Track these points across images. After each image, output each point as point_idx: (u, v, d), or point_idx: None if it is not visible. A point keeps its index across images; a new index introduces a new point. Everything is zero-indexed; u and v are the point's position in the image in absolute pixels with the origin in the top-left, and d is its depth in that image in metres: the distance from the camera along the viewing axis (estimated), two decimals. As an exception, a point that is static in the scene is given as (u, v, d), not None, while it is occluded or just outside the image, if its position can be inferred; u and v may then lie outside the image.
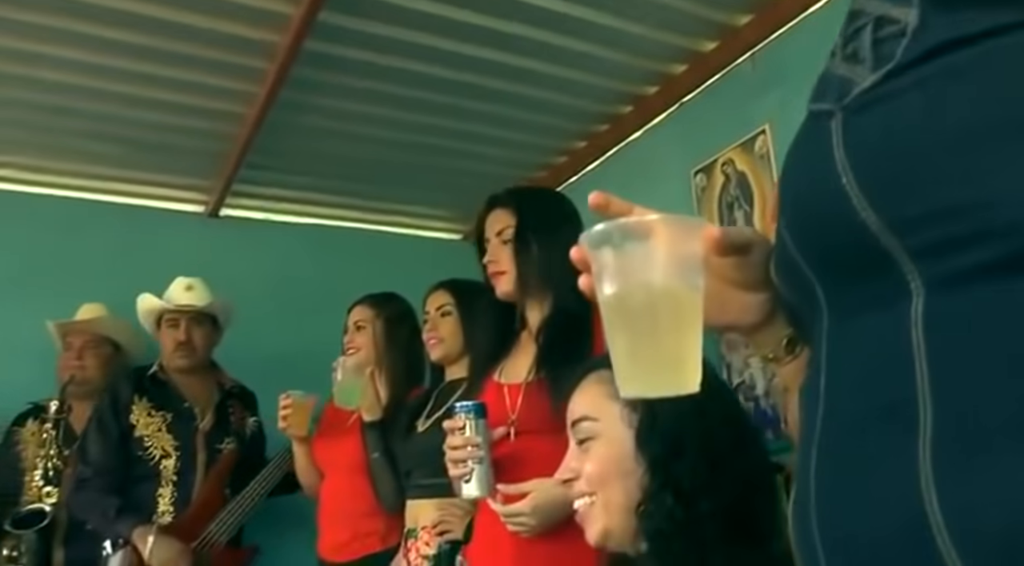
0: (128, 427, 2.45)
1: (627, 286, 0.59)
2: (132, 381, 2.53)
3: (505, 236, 1.62)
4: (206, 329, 2.63)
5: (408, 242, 3.67)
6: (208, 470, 2.48)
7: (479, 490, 1.43)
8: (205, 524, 2.39)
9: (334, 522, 2.22)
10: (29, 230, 3.02)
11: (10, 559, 2.38)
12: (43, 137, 2.83)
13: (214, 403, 2.59)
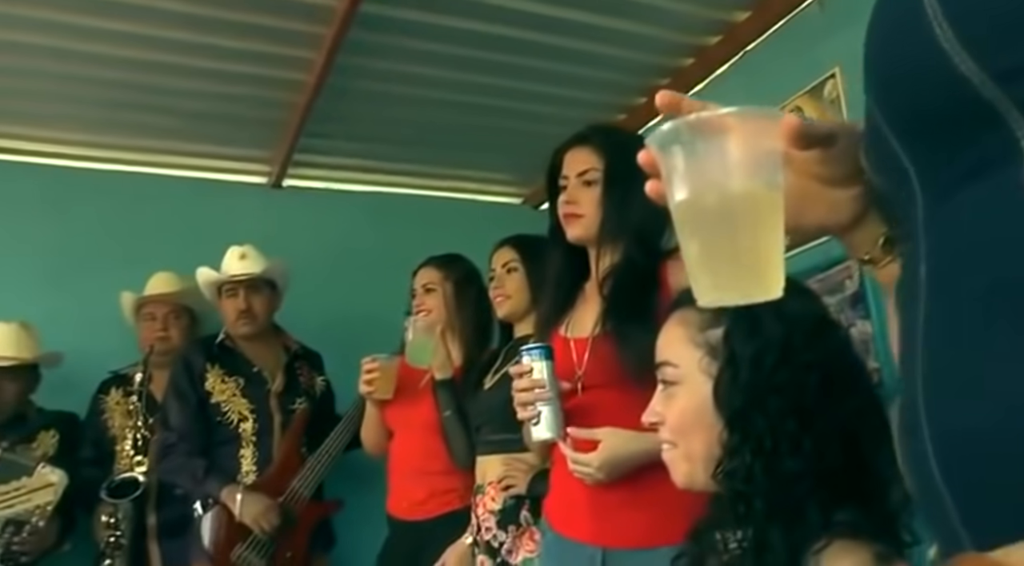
0: (204, 394, 2.53)
1: (700, 187, 0.55)
2: (203, 350, 2.61)
3: (589, 177, 1.54)
4: (264, 295, 2.67)
5: (468, 207, 3.66)
6: (284, 430, 2.55)
7: (548, 432, 1.40)
8: (288, 481, 2.47)
9: (407, 481, 2.25)
10: (99, 206, 3.11)
11: (108, 525, 2.49)
12: (106, 113, 2.89)
13: (282, 365, 2.66)
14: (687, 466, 0.94)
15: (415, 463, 2.24)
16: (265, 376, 2.61)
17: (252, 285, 2.63)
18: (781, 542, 0.81)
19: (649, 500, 1.38)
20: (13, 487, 2.23)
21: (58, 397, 2.75)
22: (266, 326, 2.69)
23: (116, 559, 2.50)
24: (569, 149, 1.62)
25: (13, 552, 2.35)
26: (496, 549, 1.86)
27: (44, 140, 3.05)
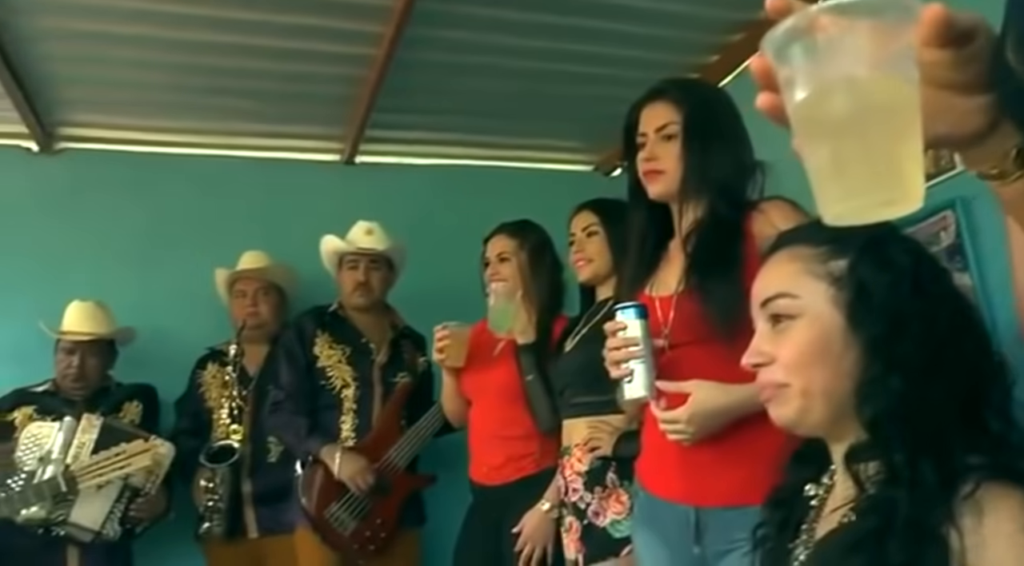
0: (312, 358, 2.63)
1: (826, 86, 0.50)
2: (315, 317, 2.72)
3: (668, 132, 1.51)
4: (383, 271, 2.76)
5: (539, 176, 3.63)
6: (384, 401, 2.63)
7: (642, 391, 1.38)
8: (385, 449, 2.55)
9: (486, 446, 2.27)
10: (183, 189, 3.23)
11: (207, 490, 2.61)
12: (186, 98, 2.98)
13: (388, 340, 2.73)
14: (801, 402, 0.90)
15: (492, 429, 2.26)
16: (371, 347, 2.69)
17: (373, 260, 2.72)
18: (932, 475, 0.79)
19: (741, 457, 1.35)
20: (114, 452, 2.37)
21: (147, 372, 2.89)
22: (379, 301, 2.77)
23: (215, 522, 2.62)
24: (645, 105, 1.58)
25: (130, 518, 2.50)
26: (583, 510, 1.87)
27: (131, 128, 3.17)
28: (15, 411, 2.62)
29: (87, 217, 3.12)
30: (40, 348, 2.77)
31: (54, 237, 3.07)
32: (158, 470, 2.47)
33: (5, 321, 2.92)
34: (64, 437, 2.43)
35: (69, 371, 2.65)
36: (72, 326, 2.69)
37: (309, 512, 2.46)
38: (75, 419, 2.48)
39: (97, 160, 3.19)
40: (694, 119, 1.50)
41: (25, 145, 3.12)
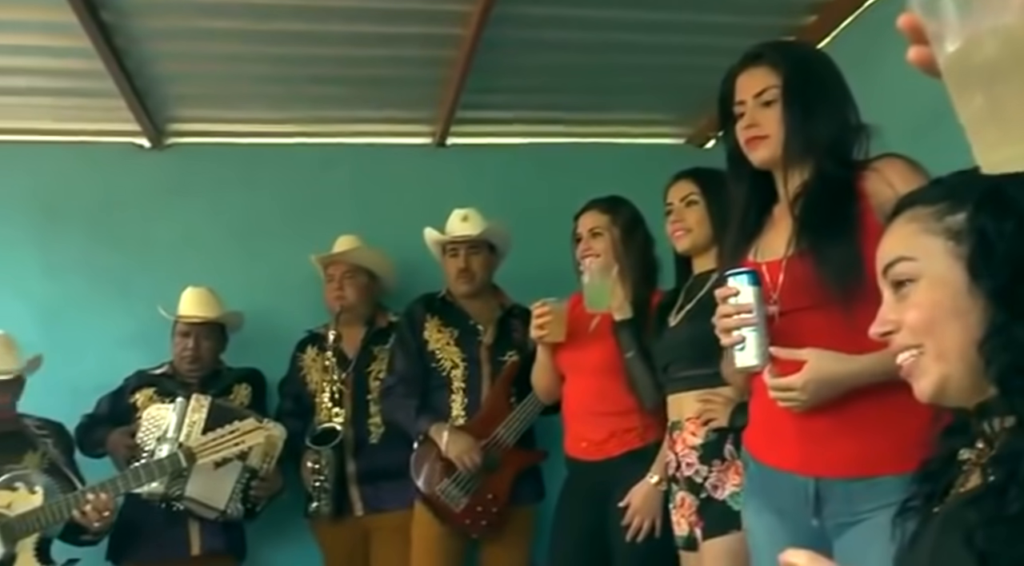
0: (422, 342, 2.72)
1: (976, 36, 0.49)
2: (424, 303, 2.82)
3: (767, 97, 1.46)
4: (483, 256, 2.80)
5: (631, 151, 3.58)
6: (493, 379, 2.69)
7: (754, 359, 1.34)
8: (494, 427, 2.61)
9: (585, 423, 2.27)
10: (281, 178, 3.35)
11: (314, 471, 2.72)
12: (279, 88, 3.07)
13: (495, 320, 2.78)
14: (940, 367, 0.86)
15: (591, 405, 2.25)
16: (478, 328, 2.76)
17: (472, 246, 2.76)
18: None
19: (861, 426, 1.30)
20: (228, 430, 2.48)
21: (252, 355, 3.03)
22: (483, 285, 2.82)
23: (323, 502, 2.73)
24: (741, 72, 1.53)
25: (250, 497, 2.64)
26: (699, 484, 1.83)
27: (233, 121, 3.30)
28: (137, 393, 2.80)
29: (196, 208, 3.28)
30: (159, 332, 2.94)
31: (167, 228, 3.25)
32: (272, 452, 2.60)
33: (128, 307, 3.12)
34: (177, 417, 2.58)
35: (185, 353, 2.80)
36: (187, 310, 2.84)
37: (422, 489, 2.55)
38: (186, 400, 2.62)
39: (203, 154, 3.35)
40: (793, 81, 1.45)
41: (138, 142, 3.30)
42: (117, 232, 3.23)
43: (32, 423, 2.60)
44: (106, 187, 3.26)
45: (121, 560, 2.69)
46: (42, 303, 3.10)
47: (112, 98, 2.95)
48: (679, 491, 1.90)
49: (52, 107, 3.10)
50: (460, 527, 2.56)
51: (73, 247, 3.20)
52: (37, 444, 2.55)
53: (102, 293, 3.17)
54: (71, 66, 2.79)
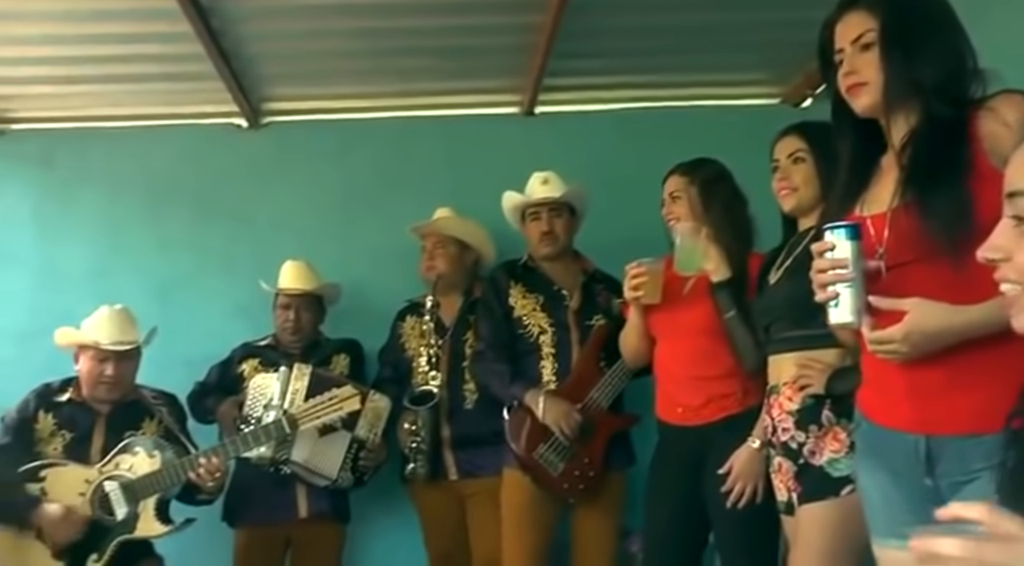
0: (508, 309, 2.74)
1: None
2: (506, 270, 2.83)
3: (865, 40, 1.37)
4: (565, 218, 2.78)
5: (722, 113, 3.47)
6: (582, 344, 2.68)
7: (848, 316, 1.28)
8: (586, 391, 2.60)
9: (681, 387, 2.23)
10: (373, 152, 3.41)
11: (411, 432, 2.78)
12: (368, 62, 3.10)
13: (580, 284, 2.76)
14: None
15: (687, 369, 2.21)
16: (563, 294, 2.75)
17: (553, 209, 2.75)
18: None
19: (975, 380, 1.23)
20: (327, 397, 2.57)
21: (349, 326, 3.12)
22: (566, 248, 2.80)
23: (419, 463, 2.79)
24: (839, 19, 1.45)
25: (359, 467, 2.74)
26: (796, 450, 1.79)
27: (325, 97, 3.37)
28: (243, 363, 2.93)
29: (292, 184, 3.39)
30: (262, 305, 3.06)
31: (265, 204, 3.38)
32: (378, 422, 2.67)
33: (231, 281, 3.26)
34: (280, 385, 2.69)
35: (286, 325, 2.91)
36: (286, 283, 2.94)
37: (519, 454, 2.56)
38: (288, 369, 2.72)
39: (297, 131, 3.44)
40: (892, 22, 1.36)
41: (236, 122, 3.42)
42: (220, 210, 3.37)
43: (149, 393, 2.75)
44: (208, 167, 3.40)
45: (234, 521, 2.83)
46: (155, 279, 3.27)
47: (211, 80, 3.06)
48: (776, 456, 1.86)
49: (157, 93, 3.24)
50: (558, 492, 2.57)
51: (181, 226, 3.36)
52: (154, 412, 2.69)
53: (208, 269, 3.32)
54: (172, 51, 2.89)
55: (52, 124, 3.41)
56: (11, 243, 3.33)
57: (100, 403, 2.64)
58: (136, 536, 2.49)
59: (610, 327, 2.69)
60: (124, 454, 2.54)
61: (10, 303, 3.24)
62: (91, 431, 2.61)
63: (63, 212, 3.37)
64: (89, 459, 2.56)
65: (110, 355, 2.61)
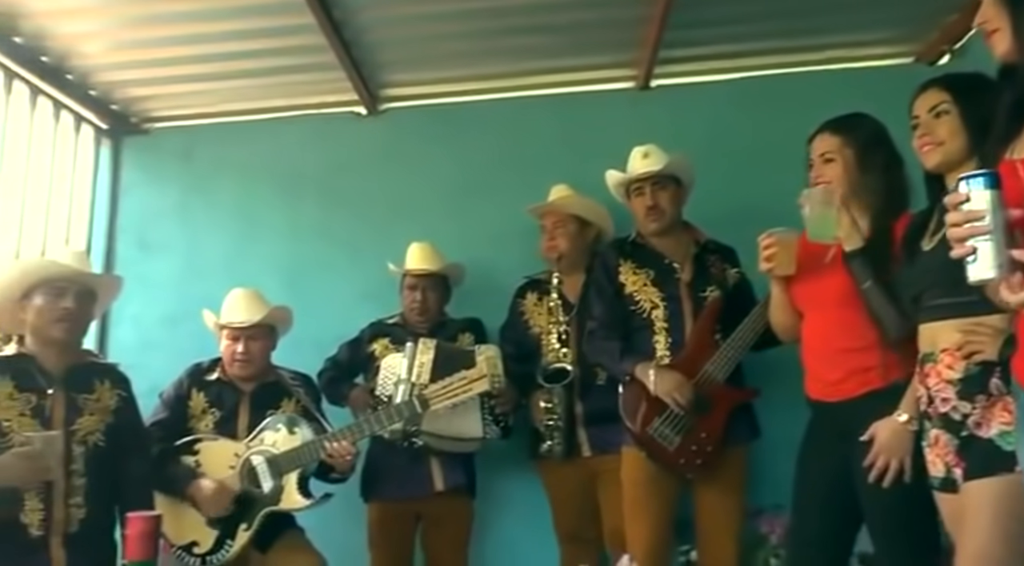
0: (619, 286, 2.71)
1: None
2: (616, 247, 2.80)
3: None
4: (670, 191, 2.73)
5: (850, 76, 3.31)
6: (695, 317, 2.62)
7: (988, 271, 1.16)
8: (701, 364, 2.54)
9: (823, 361, 2.13)
10: (486, 133, 3.45)
11: (546, 410, 2.81)
12: (480, 44, 3.13)
13: (691, 256, 2.71)
14: None
15: (829, 342, 2.10)
16: (675, 266, 2.69)
17: (657, 182, 2.71)
18: None
19: None
20: (458, 377, 2.62)
21: (469, 305, 3.17)
22: (674, 221, 2.75)
23: (555, 441, 2.81)
24: None
25: (497, 416, 2.80)
26: (958, 421, 1.65)
27: (440, 81, 3.43)
28: (374, 342, 3.03)
29: (410, 168, 3.47)
30: (386, 288, 3.15)
31: (386, 189, 3.48)
32: (496, 370, 2.69)
33: (357, 265, 3.39)
34: (408, 360, 2.77)
35: (414, 305, 2.99)
36: (413, 264, 3.01)
37: (633, 430, 2.52)
38: (414, 344, 2.81)
39: (414, 116, 3.52)
40: None
41: (356, 110, 3.53)
42: (344, 196, 3.50)
43: (287, 374, 2.89)
44: (332, 155, 3.53)
45: (371, 497, 2.94)
46: (287, 265, 3.43)
47: (332, 70, 3.17)
48: (932, 428, 1.72)
49: (283, 85, 3.38)
50: (675, 467, 2.52)
51: (309, 213, 3.51)
52: (292, 392, 2.83)
53: (335, 253, 3.46)
54: (297, 43, 3.01)
55: (190, 121, 3.63)
56: (159, 234, 3.57)
57: (242, 381, 2.80)
58: (281, 508, 2.62)
59: (724, 298, 2.63)
60: (268, 431, 2.68)
61: (159, 290, 3.47)
62: (237, 409, 2.76)
63: (203, 204, 3.58)
64: (236, 435, 2.71)
65: (240, 333, 2.77)
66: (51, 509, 2.20)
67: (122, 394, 2.44)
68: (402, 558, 2.92)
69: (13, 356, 2.30)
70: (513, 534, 3.18)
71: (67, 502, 2.23)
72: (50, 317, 2.30)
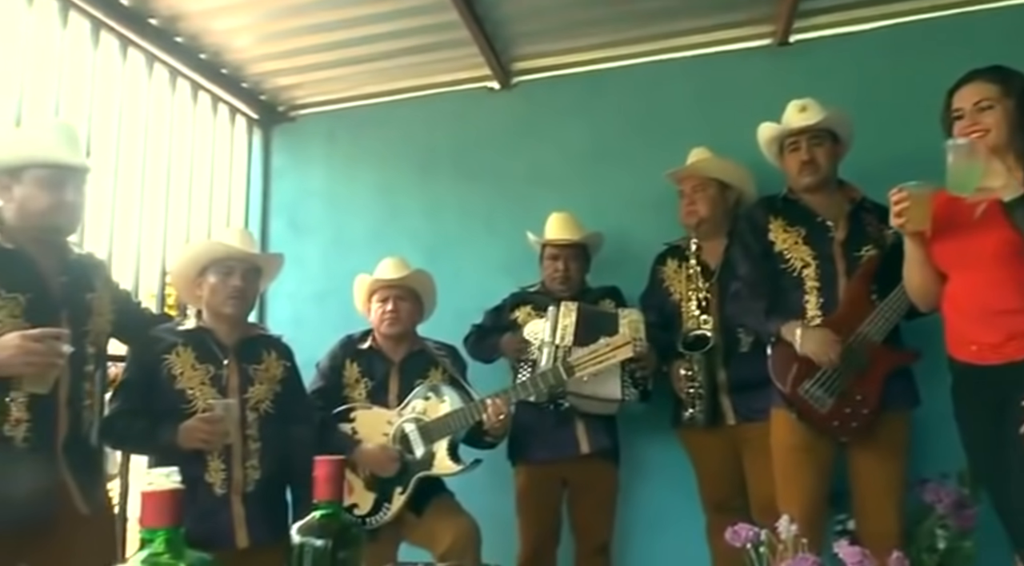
0: (767, 244, 2.63)
1: None
2: (765, 205, 2.71)
3: None
4: (826, 146, 2.63)
5: (1012, 16, 3.05)
6: (849, 276, 2.52)
7: None
8: (855, 324, 2.43)
9: (975, 322, 2.01)
10: (620, 100, 3.42)
11: (687, 377, 2.79)
12: (604, 10, 3.10)
13: (846, 214, 2.60)
14: None
15: (984, 303, 1.99)
16: (828, 225, 2.60)
17: (814, 137, 2.62)
18: None
19: None
20: (603, 344, 2.64)
21: (608, 273, 3.17)
22: (829, 178, 2.65)
23: (697, 409, 2.79)
24: None
25: (637, 379, 2.80)
26: None
27: (570, 51, 3.43)
28: (516, 310, 3.09)
29: (543, 140, 3.50)
30: (521, 259, 3.21)
31: (520, 162, 3.53)
32: (639, 335, 2.68)
33: (492, 238, 3.47)
34: (551, 324, 2.82)
35: (556, 275, 3.02)
36: (554, 234, 3.05)
37: (783, 391, 2.45)
38: (556, 307, 2.85)
39: (546, 88, 3.54)
40: None
41: (488, 85, 3.58)
42: (478, 172, 3.57)
43: (432, 345, 2.99)
44: (466, 131, 3.61)
45: (518, 460, 3.01)
46: (426, 240, 3.55)
47: (465, 46, 3.23)
48: None
49: (417, 65, 3.48)
50: (828, 430, 2.43)
51: (444, 189, 3.61)
52: (438, 362, 2.93)
53: (472, 227, 3.54)
54: (430, 22, 3.09)
55: (331, 106, 3.80)
56: (307, 216, 3.78)
57: (391, 350, 2.91)
58: (433, 473, 2.73)
59: (882, 258, 2.50)
60: (417, 399, 2.79)
61: (308, 268, 3.67)
62: (387, 378, 2.89)
63: (346, 184, 3.76)
64: (387, 404, 2.83)
65: (389, 292, 2.89)
66: (231, 470, 2.38)
67: (287, 365, 2.60)
68: (550, 522, 2.97)
69: (193, 329, 2.49)
70: (658, 502, 3.18)
71: (244, 464, 2.40)
72: (222, 295, 2.47)
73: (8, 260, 2.01)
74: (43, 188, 2.05)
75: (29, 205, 2.05)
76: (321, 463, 1.19)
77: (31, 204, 2.05)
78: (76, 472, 2.08)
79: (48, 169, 2.06)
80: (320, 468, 1.19)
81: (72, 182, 2.11)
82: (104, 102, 2.94)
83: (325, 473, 1.19)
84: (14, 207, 2.06)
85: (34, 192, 2.05)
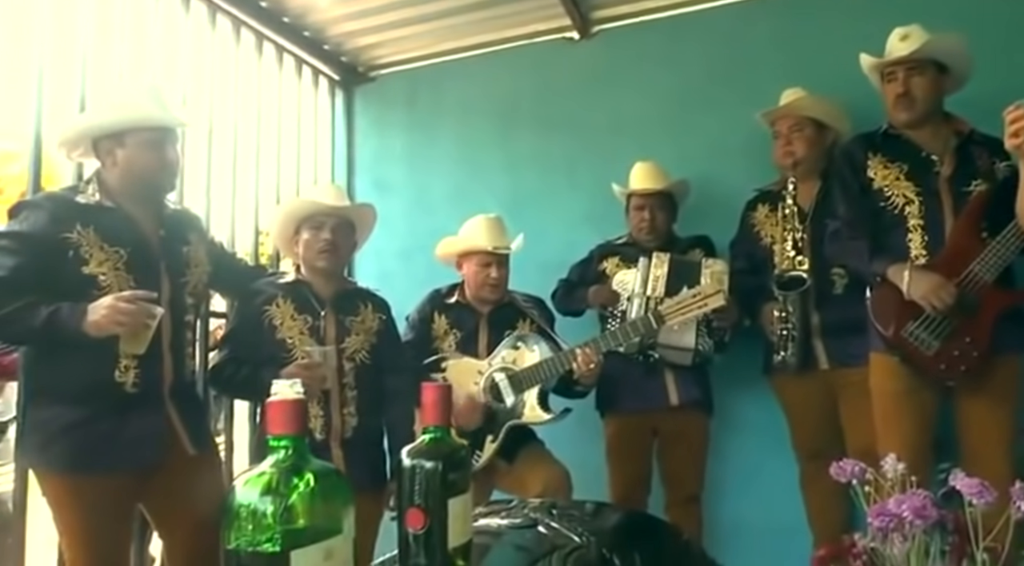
0: (866, 181, 2.51)
1: None
2: (864, 141, 2.58)
3: None
4: (927, 77, 2.47)
5: None
6: (957, 213, 2.39)
7: None
8: (965, 264, 2.31)
9: None
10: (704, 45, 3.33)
11: (780, 319, 2.73)
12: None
13: (953, 148, 2.46)
14: None
15: None
16: (933, 159, 2.46)
17: (912, 67, 2.47)
18: None
19: None
20: (692, 294, 2.60)
21: (696, 222, 3.11)
22: (930, 111, 2.50)
23: (789, 352, 2.72)
24: None
25: (714, 330, 2.78)
26: None
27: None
28: (604, 261, 3.08)
29: (626, 88, 3.43)
30: (604, 210, 3.18)
31: (602, 112, 3.48)
32: (722, 285, 2.63)
33: (574, 190, 3.46)
34: (641, 275, 2.80)
35: (643, 224, 2.99)
36: (639, 184, 3.01)
37: (885, 334, 2.36)
38: (647, 259, 2.82)
39: (626, 35, 3.47)
40: None
41: (568, 35, 3.53)
42: (560, 123, 3.54)
43: (520, 297, 3.00)
44: (546, 83, 3.58)
45: (607, 411, 3.02)
46: (508, 195, 3.54)
47: (543, -3, 3.18)
48: None
49: (496, 18, 3.46)
50: (934, 373, 2.32)
51: (525, 142, 3.59)
52: (526, 313, 2.94)
53: (554, 179, 3.53)
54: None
55: (410, 65, 3.82)
56: (390, 175, 3.83)
57: (482, 304, 2.93)
58: (523, 421, 2.75)
59: (992, 193, 2.35)
60: (507, 349, 2.81)
61: (392, 226, 3.69)
62: (476, 330, 2.92)
63: (427, 143, 3.79)
64: (477, 354, 2.87)
65: (492, 259, 2.88)
66: (330, 416, 2.46)
67: (382, 317, 2.65)
68: (640, 472, 2.98)
69: (292, 282, 2.56)
70: (750, 453, 3.14)
71: (342, 411, 2.48)
72: (314, 249, 2.54)
73: (110, 217, 2.11)
74: (147, 149, 2.15)
75: (134, 167, 2.14)
76: (428, 388, 1.20)
77: (136, 165, 2.14)
78: (183, 416, 2.19)
79: (150, 131, 2.16)
80: (428, 393, 1.20)
81: (170, 141, 2.22)
82: (197, 68, 3.02)
83: (433, 398, 1.20)
84: (118, 170, 2.15)
85: (138, 154, 2.14)
